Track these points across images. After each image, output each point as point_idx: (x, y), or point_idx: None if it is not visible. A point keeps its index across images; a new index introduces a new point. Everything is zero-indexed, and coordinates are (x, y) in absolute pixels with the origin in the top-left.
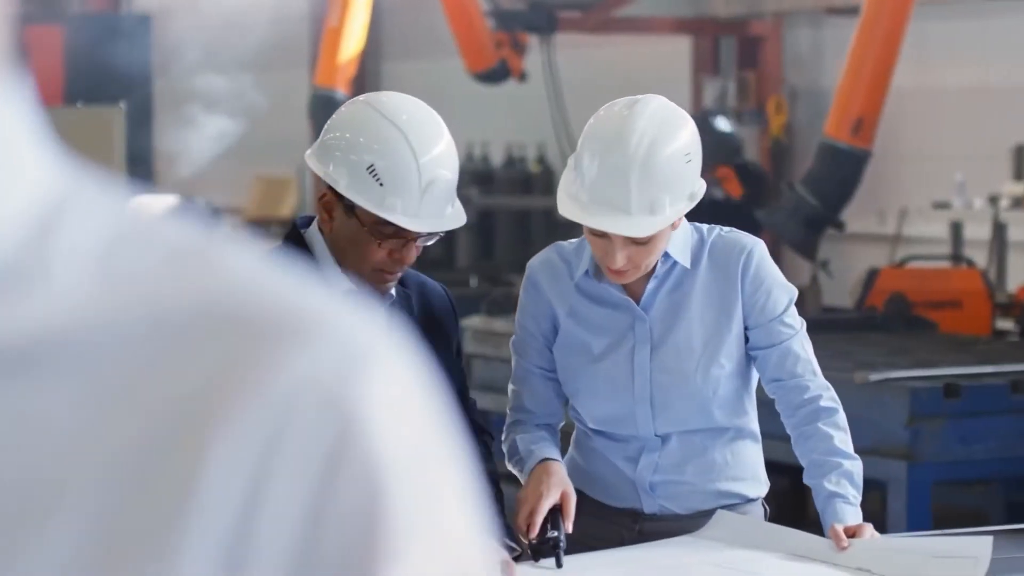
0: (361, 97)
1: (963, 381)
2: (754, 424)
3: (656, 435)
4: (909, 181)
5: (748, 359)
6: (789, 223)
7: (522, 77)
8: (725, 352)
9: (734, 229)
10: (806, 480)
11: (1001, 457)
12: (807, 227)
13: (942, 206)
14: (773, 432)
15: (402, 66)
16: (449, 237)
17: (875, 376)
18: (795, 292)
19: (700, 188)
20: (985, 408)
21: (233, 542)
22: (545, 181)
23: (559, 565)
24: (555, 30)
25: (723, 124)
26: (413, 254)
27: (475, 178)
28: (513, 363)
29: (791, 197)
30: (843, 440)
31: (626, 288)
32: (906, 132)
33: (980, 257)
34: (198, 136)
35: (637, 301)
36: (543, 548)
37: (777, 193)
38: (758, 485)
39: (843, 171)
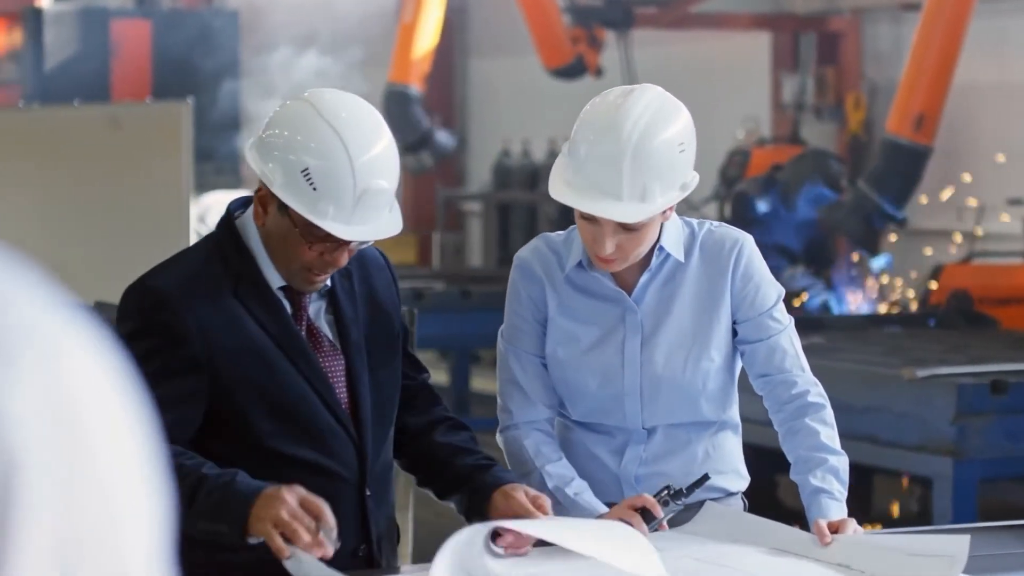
0: (305, 94)
1: (1011, 378)
2: (737, 417)
3: (644, 428)
4: (986, 178)
5: (735, 353)
6: (851, 219)
7: (598, 73)
8: (715, 345)
9: (724, 224)
10: (792, 476)
11: None
12: (869, 223)
13: (1017, 202)
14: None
15: (488, 63)
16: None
17: (923, 372)
18: (783, 290)
19: (692, 179)
20: None
21: None
22: None
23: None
24: (632, 26)
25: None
26: (344, 258)
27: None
28: (505, 353)
29: (854, 194)
30: (830, 436)
31: (618, 280)
32: (984, 128)
33: None
34: None
35: (629, 293)
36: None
37: None
38: (738, 479)
39: (905, 167)
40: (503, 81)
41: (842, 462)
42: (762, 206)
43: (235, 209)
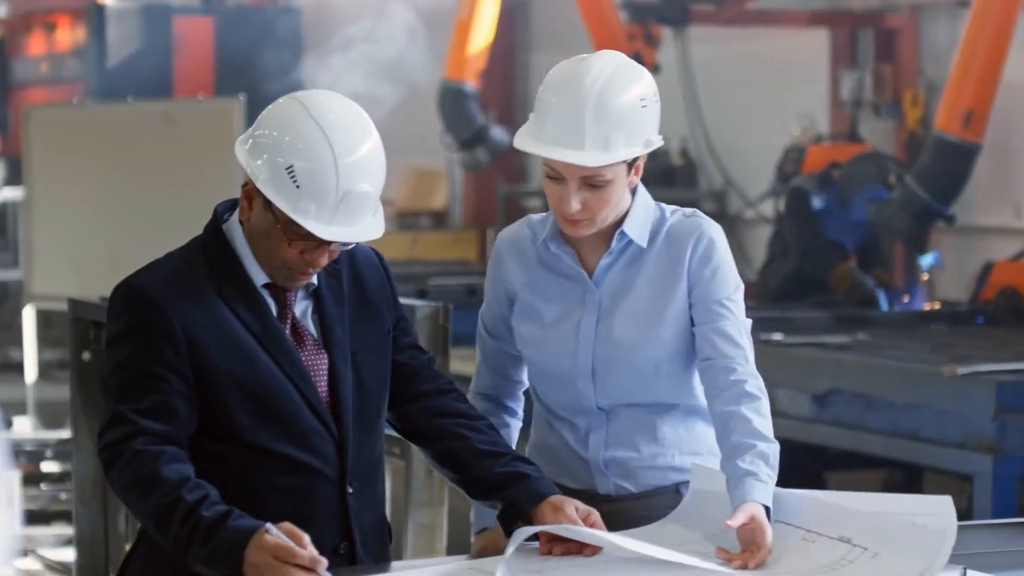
0: (297, 93)
1: None
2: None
3: (599, 408)
4: None
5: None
6: (899, 216)
7: (655, 70)
8: (669, 330)
9: (697, 212)
10: (722, 466)
11: None
12: (916, 220)
13: None
14: None
15: (551, 58)
16: None
17: (963, 369)
18: (741, 284)
19: (657, 139)
20: None
21: None
22: (688, 174)
23: None
24: (688, 23)
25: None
26: (325, 258)
27: None
28: (478, 330)
29: (902, 191)
30: (762, 424)
31: (582, 261)
32: None
33: None
34: None
35: (591, 274)
36: None
37: None
38: (715, 460)
39: (953, 164)
40: None
41: (772, 449)
42: (817, 202)
43: (223, 212)
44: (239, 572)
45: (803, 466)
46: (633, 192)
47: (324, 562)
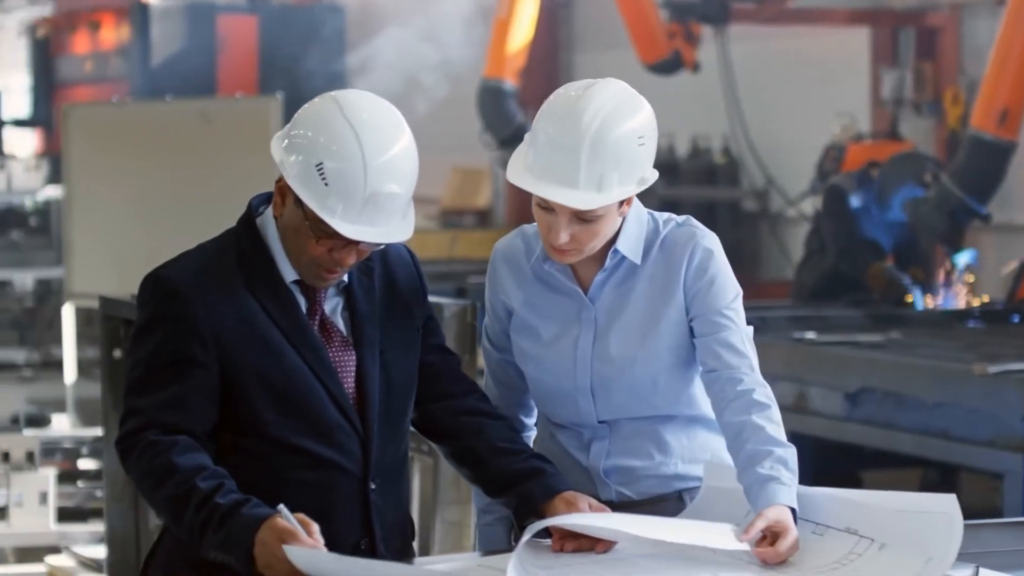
0: (333, 92)
1: None
2: (711, 413)
3: (600, 421)
4: None
5: (694, 349)
6: (934, 215)
7: (695, 68)
8: (665, 344)
9: (690, 219)
10: (739, 477)
11: None
12: (952, 219)
13: None
14: None
15: (594, 57)
16: None
17: (994, 368)
18: (740, 291)
19: (652, 175)
20: None
21: None
22: (730, 172)
23: None
24: (728, 21)
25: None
26: (352, 258)
27: (659, 169)
28: (482, 343)
29: (938, 189)
30: (776, 430)
31: (577, 277)
32: None
33: None
34: None
35: (586, 291)
36: None
37: None
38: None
39: (988, 162)
40: (608, 75)
41: (790, 453)
42: (855, 201)
43: (257, 205)
44: (251, 555)
45: (839, 465)
46: None
47: (322, 547)
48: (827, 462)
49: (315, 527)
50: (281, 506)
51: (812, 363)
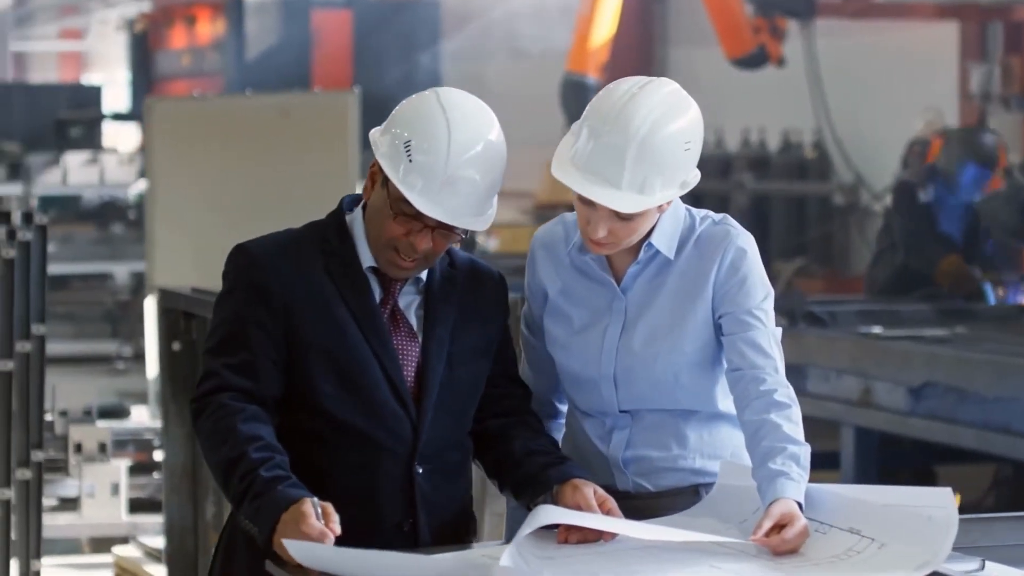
0: (436, 87)
1: None
2: (733, 411)
3: (622, 411)
4: None
5: (720, 347)
6: (1005, 209)
7: (780, 63)
8: (689, 339)
9: (727, 217)
10: (753, 473)
11: None
12: (1022, 213)
13: None
14: None
15: (688, 51)
16: None
17: None
18: (772, 292)
19: (694, 177)
20: None
21: None
22: (821, 167)
23: None
24: (814, 15)
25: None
26: (426, 242)
27: (750, 163)
28: (521, 330)
29: (1009, 183)
30: (792, 429)
31: (611, 267)
32: None
33: None
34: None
35: (619, 281)
36: None
37: None
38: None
39: None
40: (702, 69)
41: (803, 450)
42: (924, 196)
43: (348, 204)
44: (273, 532)
45: (911, 460)
46: None
47: (330, 536)
48: (896, 457)
49: (334, 517)
50: (314, 499)
51: (877, 357)
